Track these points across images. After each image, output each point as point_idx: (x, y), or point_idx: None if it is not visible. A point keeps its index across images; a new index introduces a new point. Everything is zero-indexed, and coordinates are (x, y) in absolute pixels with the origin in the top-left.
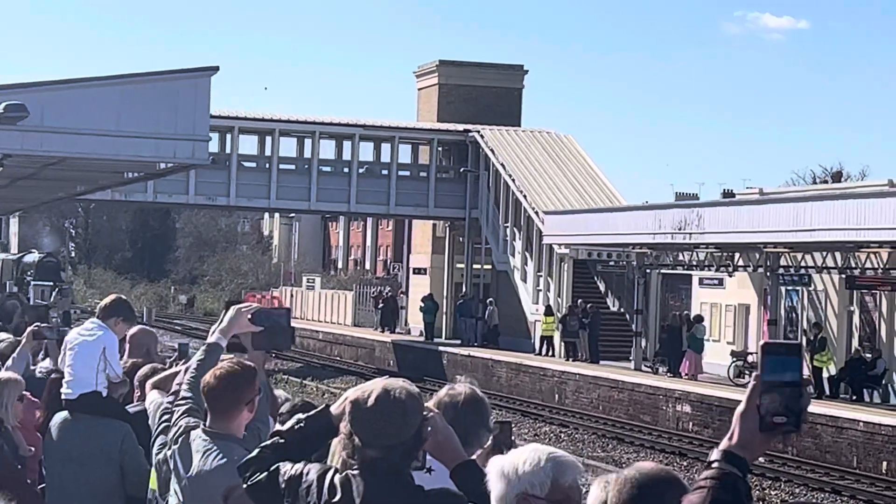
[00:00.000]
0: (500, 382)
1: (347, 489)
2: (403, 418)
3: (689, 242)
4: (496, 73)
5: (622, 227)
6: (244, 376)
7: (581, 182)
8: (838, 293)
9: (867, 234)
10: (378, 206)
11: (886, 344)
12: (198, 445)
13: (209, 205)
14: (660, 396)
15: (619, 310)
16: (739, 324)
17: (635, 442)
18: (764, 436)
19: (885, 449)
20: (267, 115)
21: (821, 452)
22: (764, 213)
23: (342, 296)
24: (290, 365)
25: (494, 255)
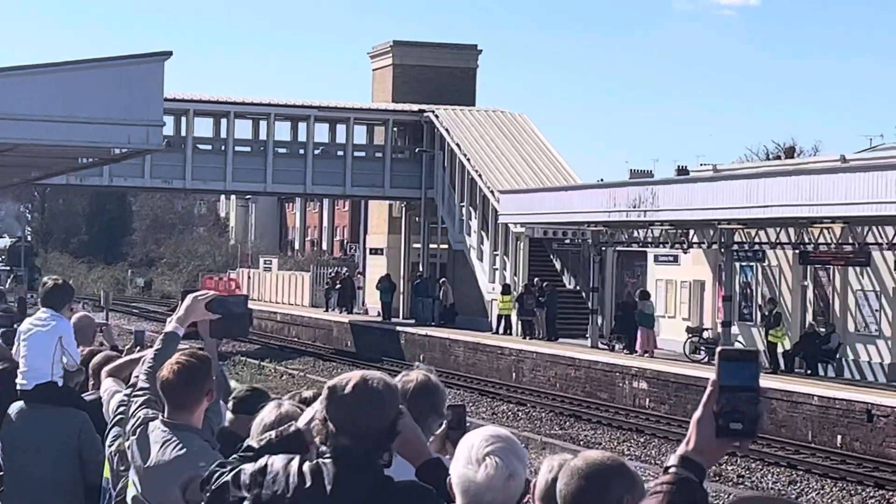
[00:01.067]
0: (458, 362)
1: (318, 477)
2: (379, 408)
3: (644, 220)
4: (450, 53)
5: (577, 206)
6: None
7: (536, 161)
8: (792, 269)
9: (820, 210)
10: (334, 187)
11: (840, 318)
12: (156, 437)
13: (165, 188)
14: (616, 373)
15: (574, 288)
16: (694, 300)
17: (592, 419)
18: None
19: (839, 423)
20: (222, 97)
21: (776, 427)
22: (718, 190)
23: (299, 277)
24: (248, 347)
25: (450, 234)
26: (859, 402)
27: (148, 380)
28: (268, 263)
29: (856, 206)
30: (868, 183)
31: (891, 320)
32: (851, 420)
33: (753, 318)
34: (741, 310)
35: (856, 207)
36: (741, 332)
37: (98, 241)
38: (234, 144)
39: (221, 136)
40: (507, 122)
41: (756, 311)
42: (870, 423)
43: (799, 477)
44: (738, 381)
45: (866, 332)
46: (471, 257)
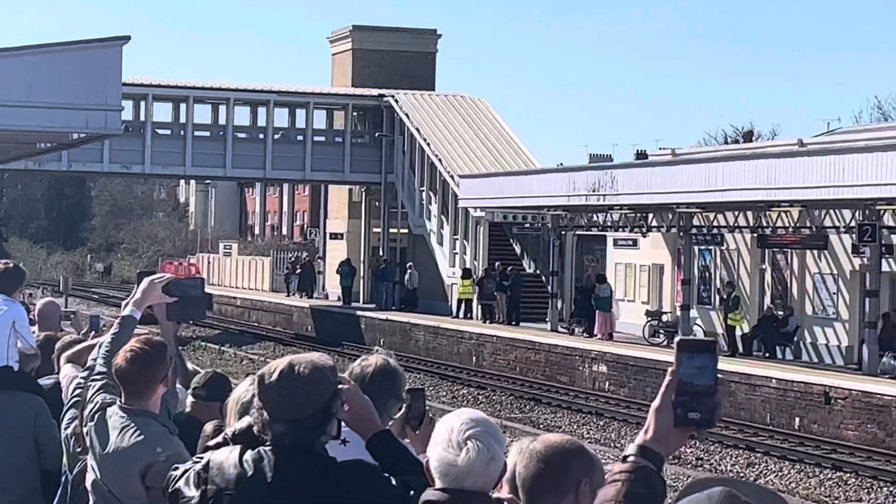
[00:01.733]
0: (418, 346)
1: (259, 465)
2: (306, 393)
3: (603, 204)
4: (409, 37)
5: (537, 190)
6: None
7: (496, 145)
8: (750, 252)
9: (778, 194)
10: (294, 171)
11: (798, 301)
12: (115, 422)
13: (124, 173)
14: (576, 357)
15: (534, 272)
16: (654, 284)
17: (552, 403)
18: (678, 431)
19: (797, 405)
20: (181, 82)
21: (735, 409)
22: (676, 174)
23: (259, 262)
24: (208, 332)
25: (411, 218)
26: (817, 384)
27: (105, 364)
28: (228, 248)
29: (813, 190)
30: (825, 167)
31: (848, 303)
32: (809, 402)
33: (712, 302)
34: (700, 293)
35: (813, 191)
36: (700, 316)
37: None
38: (194, 129)
39: (181, 121)
40: (466, 107)
41: (714, 295)
42: (827, 406)
43: (757, 459)
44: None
45: (824, 315)
46: (431, 242)
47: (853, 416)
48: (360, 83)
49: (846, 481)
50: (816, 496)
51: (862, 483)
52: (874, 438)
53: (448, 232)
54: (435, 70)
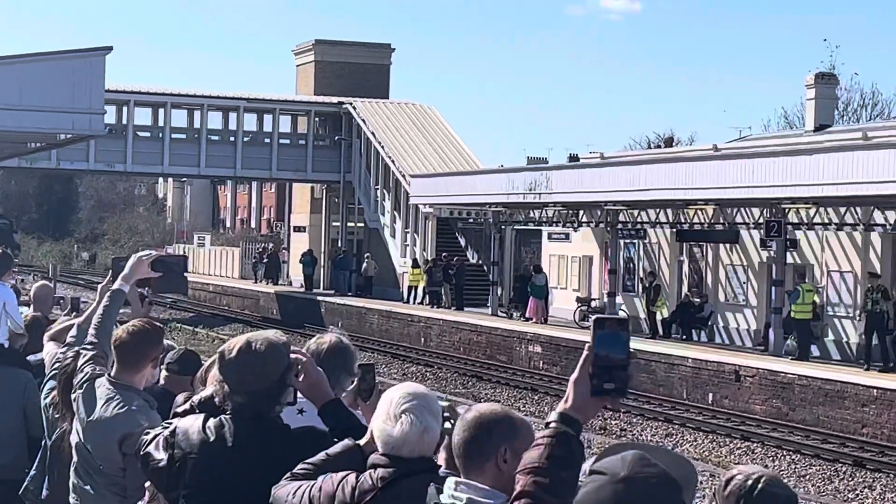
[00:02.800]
0: (372, 328)
1: (221, 432)
2: (263, 367)
3: (539, 202)
4: (367, 51)
5: (480, 188)
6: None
7: (443, 148)
8: (670, 245)
9: (694, 193)
10: (261, 171)
11: (712, 290)
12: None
13: (108, 171)
14: (514, 339)
15: (477, 262)
16: (584, 273)
17: (493, 379)
18: (595, 400)
19: (710, 382)
20: (160, 89)
21: (655, 386)
22: (604, 175)
23: (230, 252)
24: (184, 314)
25: (366, 214)
26: (728, 364)
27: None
28: (201, 240)
29: (726, 190)
30: (738, 169)
31: (756, 291)
32: (721, 380)
33: (635, 290)
34: (625, 282)
35: (726, 191)
36: (624, 302)
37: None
38: (171, 132)
39: (159, 125)
40: (417, 114)
41: (638, 284)
42: (737, 383)
43: (675, 430)
44: (611, 346)
45: (735, 302)
46: (384, 234)
47: (760, 392)
48: (321, 91)
49: (753, 450)
50: (727, 463)
51: (767, 452)
52: (778, 412)
53: (400, 226)
54: (389, 80)
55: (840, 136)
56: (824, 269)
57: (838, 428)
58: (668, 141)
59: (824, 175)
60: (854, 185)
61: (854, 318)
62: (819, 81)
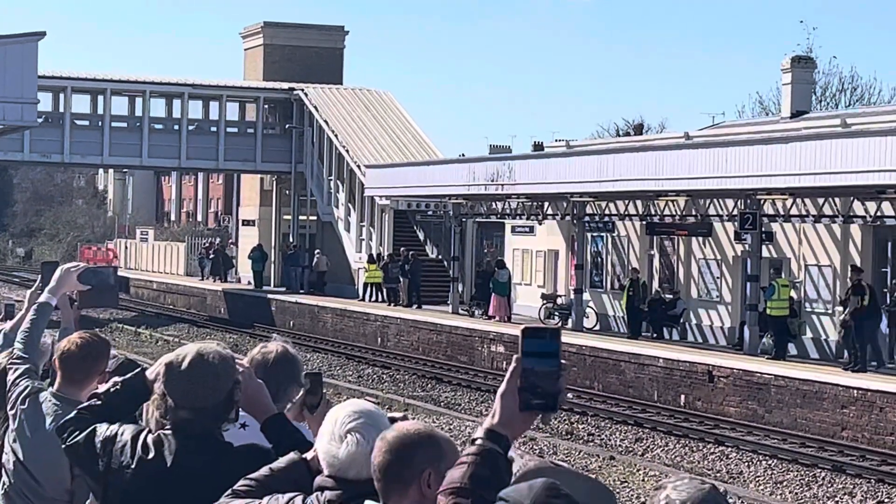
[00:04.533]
0: (326, 327)
1: (160, 448)
2: (216, 381)
3: (502, 193)
4: (318, 33)
5: (439, 179)
6: (101, 347)
7: (400, 137)
8: (640, 238)
9: (665, 184)
10: (208, 161)
11: (684, 285)
12: (48, 408)
13: (44, 162)
14: (475, 338)
15: (437, 257)
16: (549, 268)
17: (453, 381)
18: (523, 415)
19: (682, 383)
20: (99, 74)
21: (624, 387)
22: (571, 165)
23: (175, 247)
24: (125, 314)
25: (319, 206)
26: (701, 363)
27: (26, 350)
28: (144, 234)
29: (699, 181)
30: (710, 158)
31: (731, 287)
32: (694, 381)
33: (604, 286)
34: (592, 277)
35: (699, 182)
36: (592, 299)
37: None
38: (111, 120)
39: (99, 112)
40: (373, 100)
41: (606, 279)
42: (711, 384)
43: (645, 434)
44: (541, 357)
45: (708, 298)
46: (338, 228)
47: (734, 394)
48: (270, 77)
49: (728, 455)
50: (700, 469)
51: (742, 457)
52: (754, 414)
53: (355, 219)
54: (343, 65)
55: (818, 122)
56: (802, 263)
57: (817, 431)
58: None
59: (801, 164)
60: (833, 174)
61: (833, 314)
62: (796, 65)
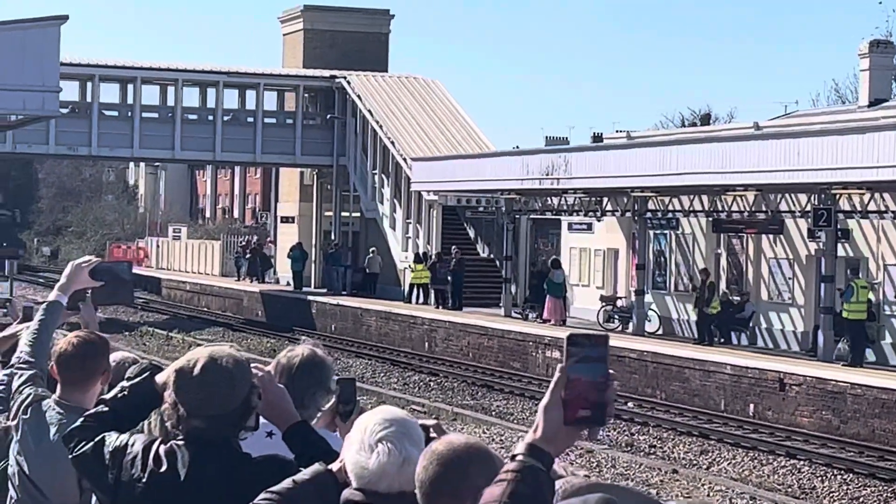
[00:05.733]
0: (370, 331)
1: (172, 460)
2: (231, 387)
3: (558, 188)
4: (362, 17)
5: (490, 173)
6: (100, 346)
7: (449, 128)
8: (706, 236)
9: (733, 178)
10: (244, 154)
11: (753, 287)
12: (51, 417)
13: (70, 154)
14: (529, 343)
15: (488, 256)
16: (608, 268)
17: (505, 389)
18: (568, 430)
19: (751, 391)
20: (128, 62)
21: (689, 396)
22: (631, 158)
23: (209, 245)
24: (156, 317)
25: (363, 202)
26: (772, 370)
27: (32, 353)
28: (177, 232)
29: (769, 174)
30: (781, 150)
31: (803, 288)
32: (764, 389)
33: (667, 287)
34: (655, 278)
35: (769, 175)
36: (655, 301)
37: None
38: (142, 111)
39: (128, 102)
40: (420, 89)
41: (669, 280)
42: (782, 392)
43: (711, 446)
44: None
45: (779, 300)
46: (383, 226)
47: (807, 403)
48: (311, 64)
49: (800, 469)
50: (770, 484)
51: (815, 471)
52: (828, 425)
53: (401, 216)
54: (388, 51)
55: None
56: (880, 262)
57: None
58: (704, 118)
59: (880, 156)
60: None
61: None
62: (874, 50)
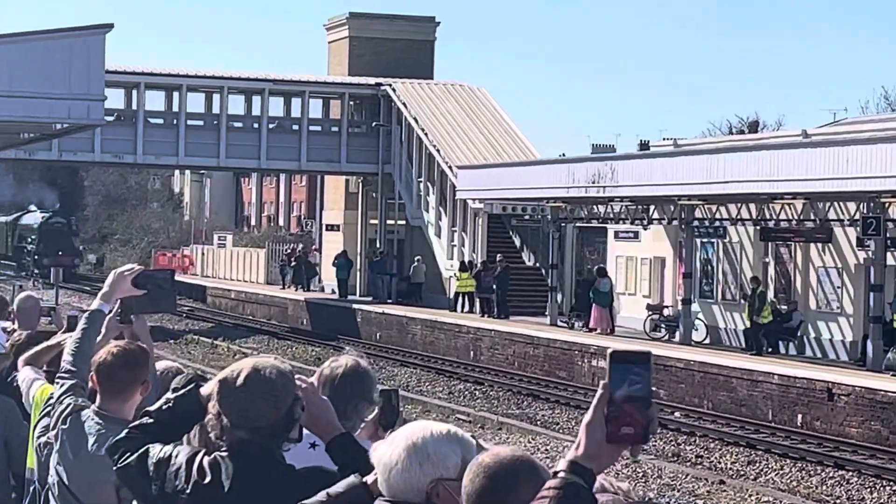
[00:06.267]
0: (415, 340)
1: (216, 471)
2: (273, 398)
3: (604, 196)
4: (407, 25)
5: (536, 181)
6: (139, 355)
7: (495, 136)
8: (753, 245)
9: (781, 186)
10: (289, 161)
11: (801, 296)
12: (90, 427)
13: (115, 162)
14: (575, 352)
15: (534, 264)
16: (655, 277)
17: (550, 398)
18: (611, 447)
19: (799, 401)
20: (173, 69)
21: (736, 406)
22: (678, 166)
23: (254, 253)
24: (201, 325)
25: (408, 210)
26: (820, 380)
27: (74, 363)
28: (222, 240)
29: (817, 182)
30: (830, 158)
31: (852, 297)
32: (812, 399)
33: (714, 296)
34: (702, 287)
35: (817, 183)
36: (702, 310)
37: None
38: (187, 118)
39: (174, 110)
40: (465, 96)
41: (717, 289)
42: (830, 402)
43: (758, 457)
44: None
45: (828, 309)
46: (429, 233)
47: (856, 413)
48: (356, 71)
49: (848, 480)
50: (818, 495)
51: (864, 482)
52: (877, 436)
53: (446, 224)
54: (433, 58)
55: None
56: None
57: None
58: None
59: None
60: None
61: None
62: None
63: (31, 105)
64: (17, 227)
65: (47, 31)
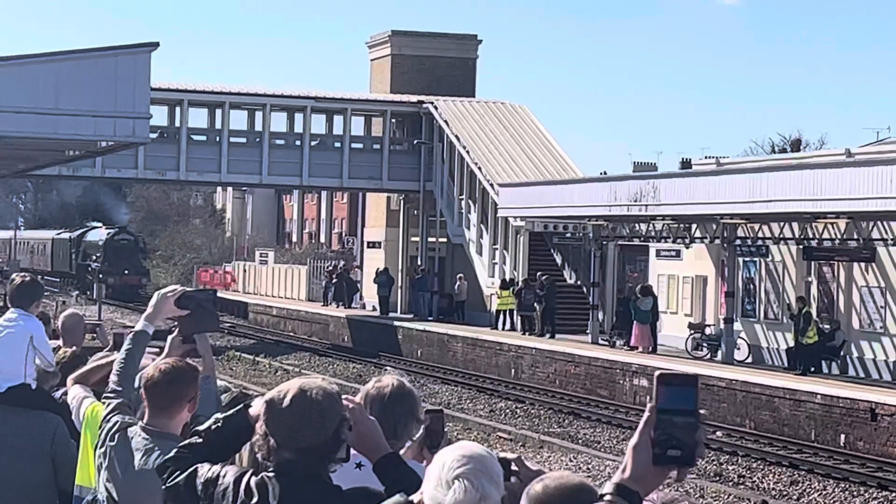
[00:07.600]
0: (456, 357)
1: (263, 492)
2: (320, 419)
3: (646, 214)
4: (450, 42)
5: (578, 199)
6: (187, 372)
7: (536, 153)
8: (796, 264)
9: (824, 205)
10: (331, 179)
11: (844, 315)
12: (137, 443)
13: (159, 179)
14: (616, 370)
15: (575, 282)
16: (697, 295)
17: (592, 417)
18: (657, 469)
19: (842, 422)
20: (216, 87)
21: (778, 426)
22: (720, 184)
23: (296, 270)
24: (243, 342)
25: (449, 227)
26: (863, 400)
27: (120, 382)
28: (264, 256)
29: (861, 202)
30: (873, 177)
31: None
32: (855, 419)
33: (757, 315)
34: (744, 306)
35: (860, 202)
36: (744, 329)
37: None
38: (230, 135)
39: (216, 127)
40: (507, 114)
41: (759, 308)
42: (874, 423)
43: (801, 477)
44: (678, 406)
45: (871, 329)
46: (470, 251)
47: None
48: (398, 89)
49: (891, 501)
50: None
51: None
52: None
53: (487, 241)
54: (475, 76)
55: None
56: None
57: None
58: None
59: None
60: None
61: None
62: None
63: (77, 123)
64: (83, 244)
65: (93, 49)
